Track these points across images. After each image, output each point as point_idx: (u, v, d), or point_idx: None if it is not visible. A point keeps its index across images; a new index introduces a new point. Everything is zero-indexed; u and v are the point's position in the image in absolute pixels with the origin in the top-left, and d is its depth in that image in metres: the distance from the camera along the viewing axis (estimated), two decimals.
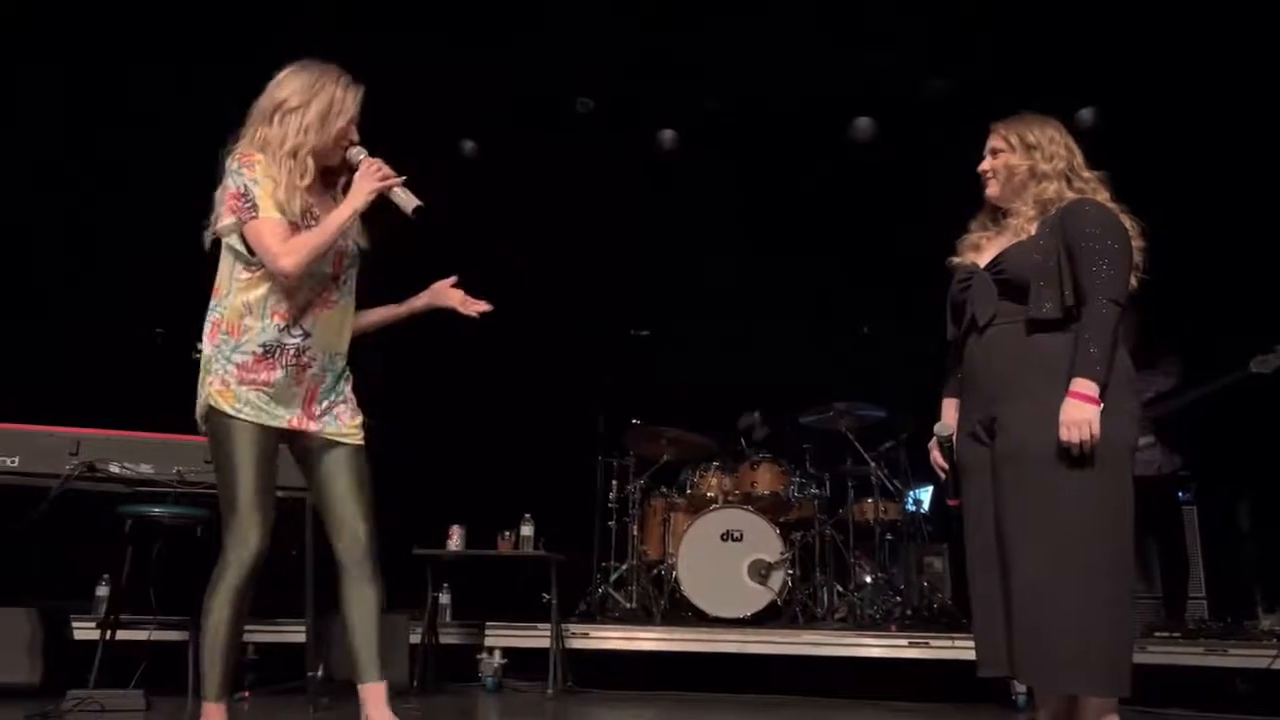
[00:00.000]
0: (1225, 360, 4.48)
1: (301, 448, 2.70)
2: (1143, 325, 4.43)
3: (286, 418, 2.60)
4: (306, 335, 2.59)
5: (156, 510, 3.79)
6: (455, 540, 4.70)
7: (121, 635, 4.02)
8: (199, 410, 2.60)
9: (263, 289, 2.56)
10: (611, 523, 5.64)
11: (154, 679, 3.84)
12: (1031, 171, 2.58)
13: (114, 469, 3.69)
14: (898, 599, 5.34)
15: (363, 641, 2.62)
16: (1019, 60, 5.55)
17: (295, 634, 4.32)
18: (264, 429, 2.55)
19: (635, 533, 5.57)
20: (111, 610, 4.01)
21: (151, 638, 4.19)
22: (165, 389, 4.53)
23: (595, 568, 5.57)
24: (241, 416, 2.53)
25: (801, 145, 6.44)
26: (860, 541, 5.53)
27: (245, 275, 2.56)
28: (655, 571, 5.54)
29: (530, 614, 4.76)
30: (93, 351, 5.32)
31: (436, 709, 4.12)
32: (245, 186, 2.50)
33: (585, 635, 4.71)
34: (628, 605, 5.32)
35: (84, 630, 4.32)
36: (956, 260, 2.71)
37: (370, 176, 2.55)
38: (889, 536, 5.58)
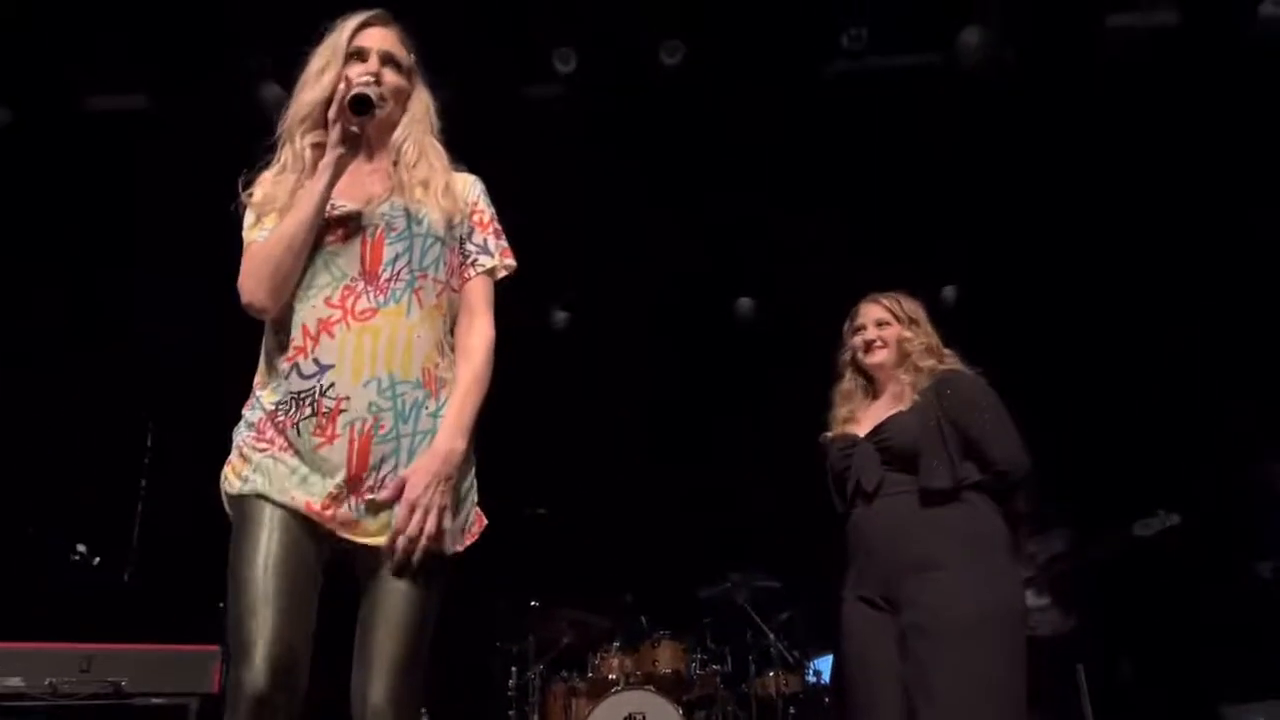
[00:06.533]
0: (1111, 523, 4.74)
1: (349, 553, 1.85)
2: (1037, 489, 4.66)
3: (305, 498, 1.78)
4: (324, 369, 1.82)
5: None
6: None
7: None
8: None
9: (281, 325, 1.90)
10: (511, 712, 5.45)
11: None
12: (913, 345, 2.76)
13: None
14: None
15: None
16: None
17: None
18: (286, 511, 1.78)
19: None
20: None
21: None
22: (36, 594, 4.36)
23: None
24: (247, 490, 1.81)
25: (686, 324, 6.70)
26: (764, 716, 5.46)
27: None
28: None
29: None
30: None
31: None
32: (243, 216, 1.97)
33: None
34: None
35: None
36: (831, 435, 2.85)
37: (332, 128, 1.90)
38: (792, 710, 5.53)
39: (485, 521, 2.02)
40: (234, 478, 1.85)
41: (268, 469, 1.81)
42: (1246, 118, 5.02)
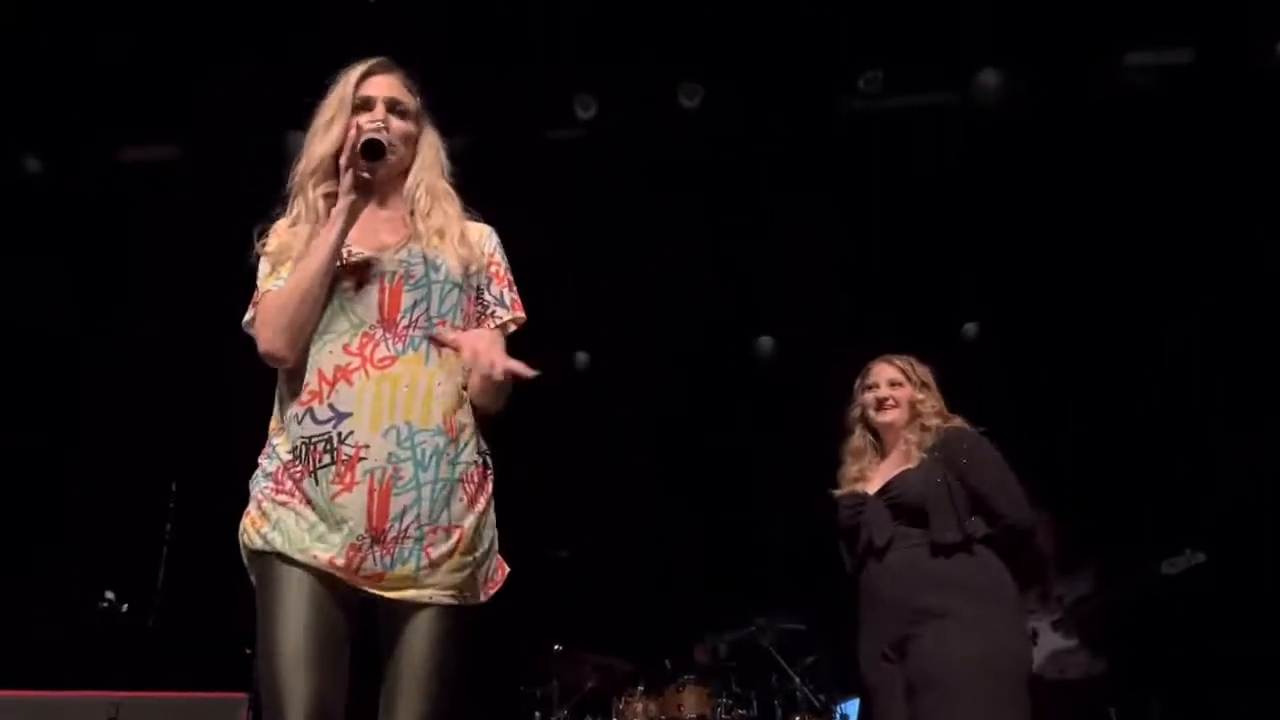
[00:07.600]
0: (1138, 562, 4.69)
1: (373, 606, 1.83)
2: (1061, 531, 4.65)
3: (326, 555, 1.75)
4: (341, 416, 1.80)
5: None
6: None
7: None
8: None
9: (295, 371, 1.88)
10: None
11: None
12: (925, 407, 2.82)
13: None
14: None
15: None
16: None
17: None
18: (308, 570, 1.76)
19: None
20: None
21: None
22: (66, 642, 4.37)
23: None
24: (272, 548, 1.78)
25: (706, 365, 6.70)
26: None
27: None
28: None
29: None
30: None
31: None
32: (258, 266, 1.97)
33: None
34: None
35: None
36: (841, 492, 2.89)
37: (344, 175, 1.90)
38: None
39: (507, 570, 2.02)
40: (253, 533, 1.82)
41: (286, 527, 1.78)
42: (1262, 155, 5.02)
